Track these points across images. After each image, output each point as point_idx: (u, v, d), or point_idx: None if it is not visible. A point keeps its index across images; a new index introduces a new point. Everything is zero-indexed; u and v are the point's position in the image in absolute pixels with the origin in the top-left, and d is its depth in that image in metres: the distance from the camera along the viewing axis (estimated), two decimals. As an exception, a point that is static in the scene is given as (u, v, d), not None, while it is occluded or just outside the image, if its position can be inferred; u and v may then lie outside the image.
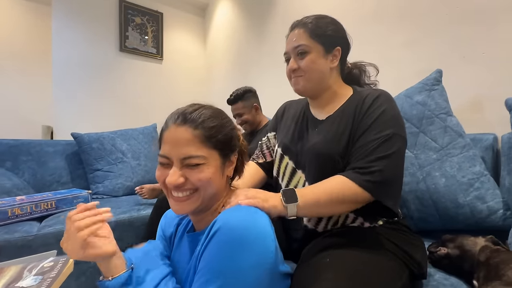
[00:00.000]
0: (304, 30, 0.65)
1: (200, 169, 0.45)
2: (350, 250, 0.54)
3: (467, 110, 1.00)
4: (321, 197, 0.53)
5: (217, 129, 0.47)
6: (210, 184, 0.46)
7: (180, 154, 0.44)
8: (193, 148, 0.44)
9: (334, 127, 0.63)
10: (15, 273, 0.53)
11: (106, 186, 1.56)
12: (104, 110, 2.45)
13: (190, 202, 0.46)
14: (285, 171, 0.72)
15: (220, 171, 0.48)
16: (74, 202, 1.26)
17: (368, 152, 0.56)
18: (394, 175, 0.56)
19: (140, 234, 1.17)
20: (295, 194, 0.52)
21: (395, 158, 0.56)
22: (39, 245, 0.98)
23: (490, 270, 0.53)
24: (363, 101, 0.62)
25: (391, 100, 0.62)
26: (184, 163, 0.45)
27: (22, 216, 1.07)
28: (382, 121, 0.58)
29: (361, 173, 0.54)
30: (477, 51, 0.99)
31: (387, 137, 0.56)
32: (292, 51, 0.67)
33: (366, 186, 0.53)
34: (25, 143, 1.53)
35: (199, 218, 0.52)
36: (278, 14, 2.02)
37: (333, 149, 0.61)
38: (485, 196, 0.75)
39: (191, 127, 0.45)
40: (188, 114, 0.46)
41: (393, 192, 0.56)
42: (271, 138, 0.83)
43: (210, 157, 0.46)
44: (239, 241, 0.39)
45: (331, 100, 0.68)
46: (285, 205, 0.51)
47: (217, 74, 2.89)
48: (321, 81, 0.66)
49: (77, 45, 2.32)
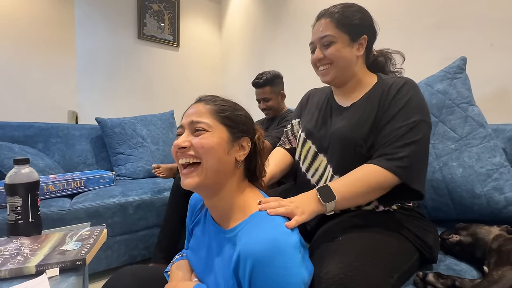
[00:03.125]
0: (331, 20, 0.65)
1: (205, 135, 0.47)
2: (362, 231, 0.57)
3: (492, 100, 0.97)
4: (357, 188, 0.55)
5: (227, 108, 0.51)
6: (211, 153, 0.46)
7: (189, 120, 0.49)
8: (202, 116, 0.48)
9: (359, 113, 0.65)
10: (59, 239, 0.60)
11: (128, 168, 1.66)
12: (124, 96, 2.54)
13: (194, 174, 0.47)
14: (307, 154, 0.74)
15: (226, 146, 0.48)
16: (100, 182, 1.35)
17: (396, 139, 0.57)
18: (421, 160, 0.58)
19: (161, 214, 1.25)
20: (331, 191, 0.53)
21: (421, 144, 0.57)
22: (71, 218, 1.08)
23: (501, 256, 0.54)
24: (388, 89, 0.62)
25: (416, 87, 0.62)
26: (193, 129, 0.48)
27: (56, 192, 1.17)
28: (408, 109, 0.59)
29: (390, 159, 0.56)
30: (506, 38, 0.94)
31: (413, 124, 0.57)
32: (318, 41, 0.67)
33: (397, 171, 0.55)
34: (54, 126, 1.64)
35: (217, 215, 0.53)
36: (294, 1, 1.97)
37: (356, 133, 0.63)
38: (503, 187, 0.74)
39: (204, 103, 0.51)
40: (205, 96, 0.53)
41: (420, 176, 0.58)
42: (295, 125, 0.86)
43: (216, 127, 0.48)
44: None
45: (356, 87, 0.69)
46: (323, 204, 0.51)
47: (232, 61, 2.89)
48: (347, 70, 0.67)
49: (99, 33, 2.39)
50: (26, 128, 1.53)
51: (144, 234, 1.26)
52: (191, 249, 0.61)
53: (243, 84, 2.53)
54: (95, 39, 2.38)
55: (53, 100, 2.88)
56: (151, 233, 1.27)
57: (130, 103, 2.55)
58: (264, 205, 0.47)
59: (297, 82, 1.63)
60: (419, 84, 0.95)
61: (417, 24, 1.21)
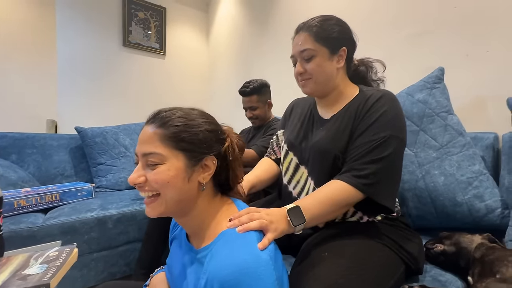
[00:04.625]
0: (309, 34, 0.65)
1: (158, 169, 0.43)
2: (348, 245, 0.56)
3: (469, 109, 1.00)
4: (326, 207, 0.54)
5: (182, 129, 0.44)
6: (168, 187, 0.43)
7: (142, 150, 0.44)
8: (153, 145, 0.43)
9: (337, 125, 0.64)
10: (22, 261, 0.55)
11: (109, 180, 1.59)
12: (107, 104, 2.46)
13: (154, 205, 0.45)
14: (288, 166, 0.74)
15: (185, 174, 0.44)
16: (78, 195, 1.28)
17: (363, 154, 0.57)
18: (389, 177, 0.58)
19: (143, 227, 1.19)
20: (301, 213, 0.51)
21: (390, 160, 0.57)
22: (43, 235, 1.00)
23: (484, 266, 0.54)
24: (365, 101, 0.62)
25: (394, 100, 0.62)
26: (146, 160, 0.44)
27: (28, 207, 1.10)
28: (381, 123, 0.58)
29: (357, 176, 0.56)
30: (481, 49, 0.98)
31: (383, 139, 0.57)
32: (299, 55, 0.67)
33: (363, 189, 0.55)
34: (30, 136, 1.55)
35: (190, 232, 0.51)
36: (280, 9, 2.01)
37: (334, 145, 0.62)
38: (483, 194, 0.76)
39: (156, 125, 0.44)
40: (160, 113, 0.46)
41: (388, 192, 0.58)
42: (280, 136, 0.86)
43: (170, 157, 0.43)
44: None
45: (338, 99, 0.69)
46: (293, 226, 0.50)
47: (219, 69, 2.89)
48: (328, 82, 0.67)
49: (81, 40, 2.33)
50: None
51: (124, 249, 1.19)
52: (167, 265, 0.58)
53: (230, 92, 2.53)
54: (77, 44, 2.30)
55: (31, 108, 2.75)
56: (132, 248, 1.21)
57: (113, 111, 2.47)
58: (234, 221, 0.44)
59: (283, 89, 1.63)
60: (400, 93, 0.98)
61: (397, 34, 1.25)
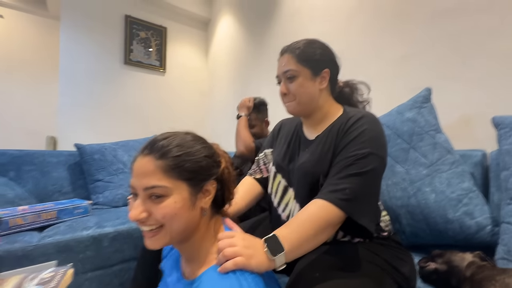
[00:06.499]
0: (292, 56, 0.68)
1: (165, 203, 0.42)
2: (339, 266, 0.56)
3: (457, 127, 1.03)
4: (306, 231, 0.50)
5: (183, 158, 0.44)
6: (175, 219, 0.42)
7: (142, 184, 0.42)
8: (155, 178, 0.42)
9: (320, 147, 0.65)
10: (16, 284, 0.55)
11: (106, 196, 1.59)
12: (107, 121, 2.51)
13: (158, 238, 0.44)
14: (277, 188, 0.74)
15: (190, 203, 0.44)
16: (75, 212, 1.28)
17: (340, 169, 0.56)
18: (367, 194, 0.56)
19: (138, 245, 1.18)
20: (278, 242, 0.47)
21: (368, 177, 0.55)
22: (39, 255, 1.00)
23: (474, 286, 0.55)
24: (346, 121, 0.63)
25: (374, 121, 0.62)
26: (148, 194, 0.43)
27: (24, 226, 1.09)
28: (360, 140, 0.58)
29: (333, 190, 0.54)
30: (466, 69, 1.03)
31: (362, 155, 0.56)
32: (282, 75, 0.70)
33: (340, 204, 0.52)
34: (29, 153, 1.57)
35: (186, 257, 0.50)
36: (277, 30, 2.09)
37: (317, 168, 0.62)
38: (473, 211, 0.77)
39: (154, 157, 0.43)
40: (155, 143, 0.45)
41: (366, 211, 0.55)
42: (268, 155, 0.85)
43: (175, 188, 0.43)
44: None
45: (322, 120, 0.70)
46: (272, 258, 0.46)
47: (218, 86, 2.95)
48: (311, 102, 0.68)
49: (84, 58, 2.41)
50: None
51: (119, 268, 1.18)
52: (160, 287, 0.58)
53: (228, 108, 2.58)
54: (79, 63, 2.38)
55: (32, 125, 2.79)
56: (127, 267, 1.19)
57: (113, 127, 2.51)
58: (217, 260, 0.44)
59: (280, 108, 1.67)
60: (391, 111, 1.01)
61: (387, 54, 1.31)
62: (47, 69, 2.90)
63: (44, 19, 2.98)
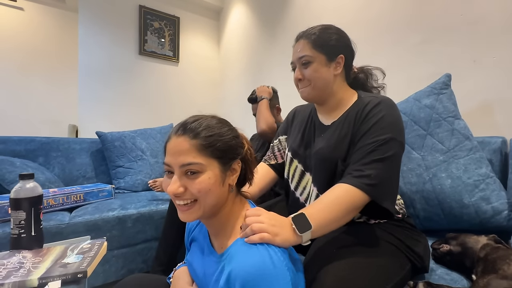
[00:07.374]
0: (308, 41, 0.68)
1: (200, 178, 0.45)
2: (356, 243, 0.59)
3: (476, 114, 1.01)
4: (331, 212, 0.53)
5: (215, 138, 0.47)
6: (209, 194, 0.46)
7: (179, 162, 0.45)
8: (191, 156, 0.45)
9: (337, 132, 0.67)
10: (61, 252, 0.61)
11: (127, 181, 1.67)
12: (124, 110, 2.59)
13: (192, 211, 0.47)
14: (294, 173, 0.77)
15: (220, 180, 0.47)
16: (100, 195, 1.37)
17: (364, 155, 0.58)
18: (390, 178, 0.58)
19: (159, 227, 1.26)
20: (306, 220, 0.50)
21: (390, 162, 0.57)
22: (70, 232, 1.08)
23: (487, 264, 0.56)
24: (364, 107, 0.64)
25: (392, 106, 0.63)
26: (184, 171, 0.45)
27: (55, 206, 1.19)
28: (380, 126, 0.59)
29: (358, 176, 0.56)
30: (488, 55, 1.00)
31: (383, 141, 0.58)
32: (297, 61, 0.71)
33: (366, 189, 0.55)
34: (55, 140, 1.66)
35: (214, 232, 0.53)
36: (289, 18, 2.07)
37: (335, 153, 0.64)
38: (490, 197, 0.77)
39: (189, 137, 0.46)
40: (187, 125, 0.48)
41: (389, 194, 0.58)
42: (282, 141, 0.87)
43: (208, 165, 0.46)
44: None
45: (337, 106, 0.71)
46: (300, 234, 0.48)
47: (230, 75, 2.97)
48: (326, 88, 0.69)
49: (101, 49, 2.48)
50: (28, 142, 1.56)
51: (142, 247, 1.26)
52: (188, 261, 0.63)
53: (240, 97, 2.60)
54: (97, 54, 2.45)
55: (54, 114, 2.92)
56: (149, 247, 1.27)
57: (130, 116, 2.60)
58: (243, 233, 0.47)
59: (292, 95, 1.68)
60: (408, 98, 1.01)
61: (405, 41, 1.28)
62: (67, 61, 3.00)
63: (62, 11, 3.06)
